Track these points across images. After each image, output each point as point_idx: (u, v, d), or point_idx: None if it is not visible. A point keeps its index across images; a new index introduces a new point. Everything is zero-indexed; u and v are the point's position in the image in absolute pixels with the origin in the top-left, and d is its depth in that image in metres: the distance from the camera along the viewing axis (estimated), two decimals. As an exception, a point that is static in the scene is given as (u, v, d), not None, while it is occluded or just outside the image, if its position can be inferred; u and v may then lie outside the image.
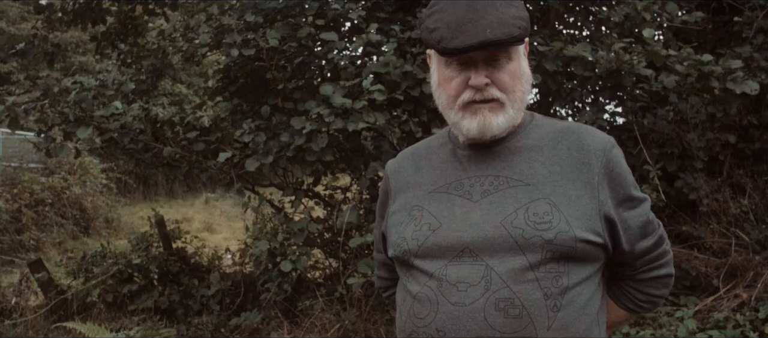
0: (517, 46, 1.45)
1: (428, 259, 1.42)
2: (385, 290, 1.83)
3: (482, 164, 1.48)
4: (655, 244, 1.52)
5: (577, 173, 1.43)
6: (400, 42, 4.40)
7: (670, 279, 1.59)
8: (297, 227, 4.57)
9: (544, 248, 1.34)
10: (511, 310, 1.33)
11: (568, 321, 1.35)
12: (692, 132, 4.92)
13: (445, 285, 1.37)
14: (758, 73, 4.65)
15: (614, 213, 1.43)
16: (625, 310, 1.61)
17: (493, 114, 1.43)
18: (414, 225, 1.47)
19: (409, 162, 1.63)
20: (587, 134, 1.49)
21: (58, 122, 4.42)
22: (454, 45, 1.39)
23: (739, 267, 4.69)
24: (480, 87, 1.41)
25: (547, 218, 1.37)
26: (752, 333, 4.28)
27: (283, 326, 4.97)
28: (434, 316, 1.38)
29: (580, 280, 1.39)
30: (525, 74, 1.48)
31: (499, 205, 1.41)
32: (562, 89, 4.75)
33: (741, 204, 4.95)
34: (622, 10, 4.61)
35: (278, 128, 4.46)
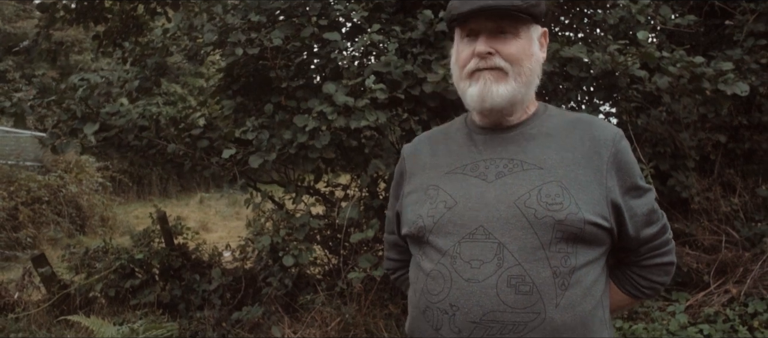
0: (526, 27, 1.54)
1: (442, 236, 1.50)
2: (394, 272, 1.92)
3: (497, 148, 1.57)
4: (658, 232, 1.61)
5: (587, 160, 1.51)
6: (401, 42, 4.48)
7: (671, 266, 1.67)
8: (299, 223, 4.65)
9: (554, 228, 1.42)
10: (521, 286, 1.40)
11: (575, 299, 1.43)
12: (684, 132, 5.00)
13: (459, 262, 1.45)
14: (748, 75, 4.74)
15: (621, 200, 1.52)
16: (628, 295, 1.69)
17: (494, 81, 1.52)
18: (430, 203, 1.55)
19: (425, 145, 1.72)
20: (598, 125, 1.58)
21: (65, 118, 4.48)
22: (460, 10, 1.52)
23: (729, 263, 4.77)
24: (482, 54, 1.51)
25: (559, 199, 1.45)
26: (741, 327, 4.38)
27: (284, 320, 5.04)
28: (448, 292, 1.45)
29: (587, 262, 1.47)
30: (535, 55, 1.56)
31: (512, 186, 1.49)
32: (559, 90, 4.83)
33: (731, 202, 5.03)
34: (616, 13, 4.69)
35: (281, 126, 4.55)
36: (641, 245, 1.60)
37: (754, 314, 4.47)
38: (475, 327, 1.40)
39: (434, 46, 4.59)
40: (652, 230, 1.59)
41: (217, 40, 4.58)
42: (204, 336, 4.98)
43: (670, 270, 1.67)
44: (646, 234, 1.58)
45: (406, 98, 4.41)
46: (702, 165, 5.26)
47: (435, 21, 4.45)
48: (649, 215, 1.58)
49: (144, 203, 18.87)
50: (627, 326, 4.48)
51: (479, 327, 1.40)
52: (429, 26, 4.48)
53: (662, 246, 1.63)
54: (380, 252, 4.94)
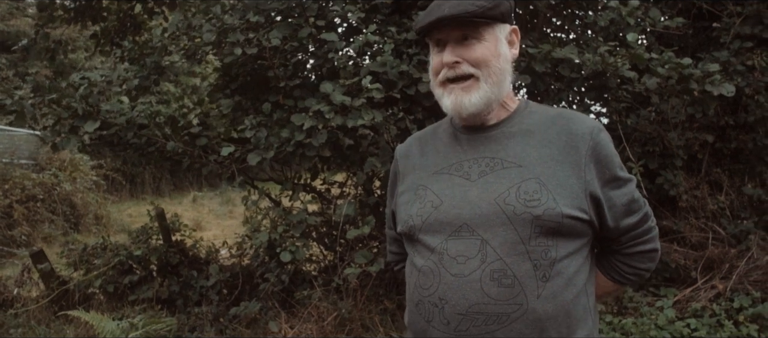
0: (489, 29, 1.61)
1: (430, 234, 1.58)
2: (396, 263, 2.01)
3: (480, 147, 1.64)
4: (640, 221, 1.66)
5: (565, 155, 1.57)
6: (397, 43, 4.58)
7: (655, 253, 1.73)
8: (296, 220, 4.73)
9: (532, 223, 1.50)
10: (504, 280, 1.48)
11: (556, 290, 1.50)
12: (672, 132, 5.10)
13: (446, 259, 1.53)
14: (735, 76, 4.84)
15: (600, 192, 1.57)
16: (613, 282, 1.76)
17: (465, 93, 1.60)
18: (419, 203, 1.63)
19: (416, 147, 1.80)
20: (576, 120, 1.63)
21: (66, 116, 4.55)
22: (422, 23, 1.60)
23: (716, 259, 4.88)
24: (449, 64, 1.59)
25: (536, 196, 1.51)
26: (727, 321, 4.49)
27: (281, 316, 5.12)
28: (437, 286, 1.53)
29: (568, 253, 1.53)
30: (502, 55, 1.62)
31: (493, 184, 1.56)
32: (550, 90, 4.93)
33: (718, 200, 5.14)
34: (607, 15, 4.78)
35: (279, 125, 4.63)
36: (622, 235, 1.66)
37: (740, 309, 4.58)
38: (462, 318, 1.49)
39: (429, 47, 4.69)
40: (632, 219, 1.65)
41: (215, 40, 4.67)
42: (202, 331, 5.06)
43: (653, 256, 1.73)
44: (626, 224, 1.64)
45: (401, 97, 4.50)
46: (690, 164, 5.36)
47: (430, 22, 4.54)
48: (629, 205, 1.63)
49: (137, 201, 18.89)
50: (616, 321, 4.57)
51: (466, 318, 1.48)
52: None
53: (644, 234, 1.69)
54: (375, 249, 5.03)
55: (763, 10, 5.06)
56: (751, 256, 4.79)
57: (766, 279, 4.71)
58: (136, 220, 14.88)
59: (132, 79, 4.93)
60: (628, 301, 4.82)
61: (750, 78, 4.94)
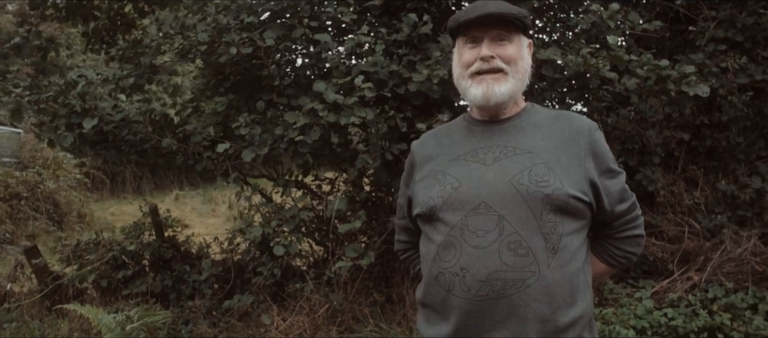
0: (518, 35, 1.85)
1: (450, 212, 1.75)
2: (404, 252, 2.18)
3: (494, 137, 1.85)
4: (629, 208, 1.89)
5: (568, 146, 1.79)
6: (387, 44, 4.73)
7: (641, 239, 1.95)
8: (288, 215, 4.87)
9: (543, 201, 1.70)
10: (519, 250, 1.67)
11: (563, 261, 1.70)
12: (651, 130, 5.27)
13: (467, 233, 1.71)
14: (709, 77, 5.03)
15: (598, 180, 1.79)
16: (606, 264, 1.97)
17: (496, 83, 1.81)
18: (439, 186, 1.81)
19: (431, 139, 1.99)
20: (576, 118, 1.87)
21: (63, 113, 4.65)
22: (467, 18, 1.81)
23: (692, 252, 5.05)
24: (486, 58, 1.80)
25: (546, 178, 1.72)
26: (702, 311, 4.69)
27: (273, 308, 5.25)
28: (459, 258, 1.71)
29: (572, 231, 1.74)
30: (525, 59, 1.86)
31: (507, 167, 1.76)
32: (534, 89, 5.11)
33: (694, 196, 5.32)
34: (589, 19, 4.96)
35: (272, 123, 4.77)
36: (615, 219, 1.88)
37: (714, 299, 4.77)
38: (482, 285, 1.66)
39: (418, 48, 4.85)
40: (624, 206, 1.87)
41: (209, 40, 4.78)
42: (195, 324, 5.18)
43: (640, 241, 1.95)
44: (619, 210, 1.86)
45: (392, 96, 4.66)
46: (667, 161, 5.52)
47: (419, 24, 4.70)
48: (622, 194, 1.86)
49: (118, 200, 18.85)
50: (598, 311, 4.75)
51: (485, 284, 1.66)
52: (413, 29, 4.73)
53: (633, 221, 1.92)
54: (365, 243, 5.18)
55: (736, 15, 5.26)
56: (725, 249, 4.99)
57: (738, 271, 4.91)
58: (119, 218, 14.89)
59: (127, 78, 5.03)
60: (609, 293, 5.01)
61: (724, 79, 5.13)
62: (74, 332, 5.38)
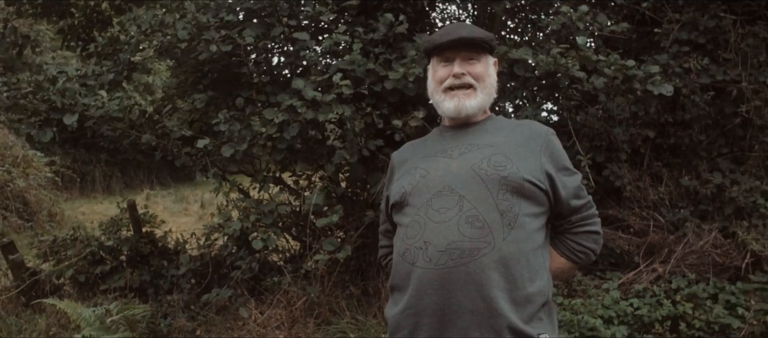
0: (486, 56, 2.12)
1: (418, 196, 1.97)
2: (386, 257, 2.37)
3: (461, 138, 2.10)
4: (586, 205, 2.09)
5: (526, 144, 2.03)
6: (364, 43, 4.85)
7: (598, 236, 2.13)
8: (267, 209, 4.96)
9: (500, 182, 1.91)
10: (476, 223, 1.86)
11: (519, 238, 1.88)
12: (618, 128, 5.43)
13: (431, 211, 1.91)
14: (673, 77, 5.22)
15: (554, 173, 2.00)
16: (566, 259, 2.12)
17: (466, 98, 2.07)
18: (410, 177, 2.05)
19: (409, 147, 2.27)
20: (535, 125, 2.13)
21: (43, 108, 4.68)
22: (441, 41, 2.07)
23: (656, 245, 5.24)
24: (458, 75, 2.06)
25: (503, 163, 1.95)
26: (666, 300, 4.87)
27: (250, 302, 5.34)
28: (423, 233, 1.90)
29: (529, 214, 1.92)
30: (492, 76, 2.13)
31: (470, 158, 1.99)
32: (506, 88, 5.27)
33: (658, 191, 5.50)
34: (559, 20, 5.11)
35: (251, 119, 4.86)
36: (572, 214, 2.07)
37: (677, 289, 4.97)
38: (442, 254, 1.83)
39: (394, 47, 4.98)
40: (580, 201, 2.07)
41: (189, 37, 4.85)
42: (174, 317, 5.24)
43: (597, 239, 2.13)
44: (576, 204, 2.06)
45: (369, 93, 4.78)
46: (633, 158, 5.70)
47: (395, 24, 4.83)
48: (577, 191, 2.07)
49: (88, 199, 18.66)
50: (567, 302, 4.91)
51: (444, 254, 1.83)
52: (389, 28, 4.85)
53: (589, 218, 2.11)
54: (341, 238, 5.29)
55: (698, 18, 5.48)
56: (687, 241, 5.19)
57: (700, 263, 5.12)
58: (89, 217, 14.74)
59: (106, 74, 5.07)
60: (578, 285, 5.19)
61: (687, 79, 5.33)
62: (52, 327, 5.40)
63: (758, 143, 5.55)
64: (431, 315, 1.83)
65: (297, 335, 5.07)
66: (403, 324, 1.90)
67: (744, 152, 5.63)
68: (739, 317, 4.79)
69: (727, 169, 5.55)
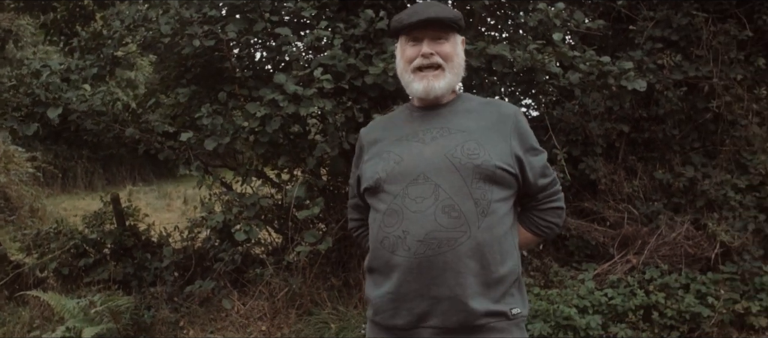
0: (454, 34, 2.12)
1: (393, 183, 2.02)
2: (356, 229, 2.42)
3: (432, 120, 2.12)
4: (551, 183, 2.18)
5: (496, 127, 2.08)
6: (345, 38, 4.94)
7: (562, 211, 2.24)
8: (249, 202, 5.03)
9: (473, 171, 1.97)
10: (452, 213, 1.93)
11: (492, 223, 1.97)
12: (593, 122, 5.55)
13: (407, 200, 1.97)
14: (647, 73, 5.36)
15: (522, 155, 2.07)
16: (532, 233, 2.23)
17: (435, 79, 2.08)
18: (383, 162, 2.08)
19: (378, 125, 2.27)
20: (503, 105, 2.18)
21: (27, 102, 4.73)
22: (410, 21, 2.08)
23: (630, 237, 5.36)
24: (427, 55, 2.07)
25: (476, 151, 2.00)
26: (639, 290, 5.01)
27: (233, 294, 5.41)
28: (401, 222, 1.97)
29: (500, 198, 2.01)
30: (460, 55, 2.15)
31: (443, 144, 2.03)
32: (485, 83, 5.37)
33: (633, 184, 5.62)
34: (536, 16, 5.23)
35: (234, 113, 4.94)
36: (539, 192, 2.16)
37: (650, 279, 5.11)
38: (420, 244, 1.92)
39: (374, 43, 5.07)
40: (546, 180, 2.16)
41: (172, 32, 4.91)
42: (158, 309, 5.30)
43: (561, 213, 2.24)
44: (542, 183, 2.14)
45: (349, 88, 4.86)
46: (608, 152, 5.82)
47: (375, 19, 4.92)
48: (544, 169, 2.15)
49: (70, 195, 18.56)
50: (543, 292, 5.03)
51: (423, 244, 1.92)
52: (370, 24, 4.94)
53: (554, 194, 2.20)
54: (323, 229, 5.37)
55: (672, 15, 5.61)
56: (660, 233, 5.33)
57: (672, 254, 5.26)
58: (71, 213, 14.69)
59: (89, 68, 5.12)
60: (554, 275, 5.31)
61: (660, 75, 5.47)
62: (35, 319, 5.45)
63: (729, 138, 5.70)
64: (411, 300, 1.95)
65: (279, 326, 5.16)
66: (384, 308, 2.02)
67: (715, 146, 5.78)
68: (709, 306, 4.94)
69: (699, 163, 5.70)
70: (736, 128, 5.71)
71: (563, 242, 5.65)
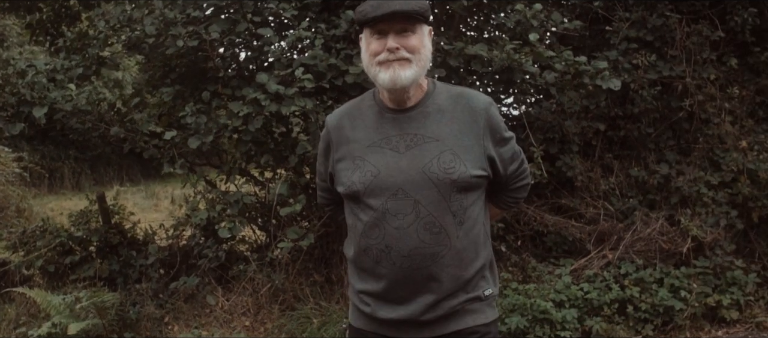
0: (420, 26, 2.09)
1: (373, 197, 2.06)
2: (327, 206, 2.49)
3: (404, 125, 2.12)
4: (519, 165, 2.27)
5: (469, 128, 2.11)
6: (326, 38, 5.03)
7: (528, 186, 2.37)
8: (232, 199, 5.13)
9: (451, 185, 2.04)
10: (433, 229, 2.03)
11: (468, 228, 2.08)
12: (569, 120, 5.70)
13: (388, 216, 2.04)
14: (623, 73, 5.50)
15: (494, 152, 2.13)
16: (499, 208, 2.39)
17: (401, 68, 2.04)
18: (359, 172, 2.09)
19: (346, 120, 2.22)
20: (474, 98, 2.17)
21: (13, 101, 4.80)
22: (374, 15, 2.04)
23: (606, 232, 5.49)
24: (392, 49, 2.04)
25: (452, 164, 2.05)
26: (615, 285, 5.14)
27: (217, 290, 5.50)
28: (383, 237, 2.05)
29: (473, 201, 2.11)
30: (426, 47, 2.12)
31: (418, 156, 2.06)
32: (464, 83, 5.48)
33: (609, 181, 5.74)
34: (514, 17, 5.34)
35: (217, 112, 5.03)
36: (509, 178, 2.25)
37: (625, 274, 5.23)
38: (405, 259, 2.03)
39: (355, 43, 5.16)
40: (515, 165, 2.25)
41: (156, 33, 5.00)
42: (143, 305, 5.38)
43: (527, 188, 2.36)
44: (511, 169, 2.23)
45: (330, 87, 4.96)
46: (585, 149, 5.96)
47: (356, 20, 5.01)
48: (513, 156, 2.23)
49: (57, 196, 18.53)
50: (521, 286, 5.15)
51: (408, 259, 2.03)
52: (351, 25, 5.03)
53: (522, 174, 2.30)
54: (306, 226, 5.46)
55: (647, 16, 5.75)
56: (636, 229, 5.46)
57: (647, 249, 5.39)
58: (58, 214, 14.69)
59: (75, 68, 5.20)
60: (532, 270, 5.43)
61: (635, 75, 5.62)
62: (21, 316, 5.51)
63: (702, 136, 5.85)
64: (396, 301, 2.09)
65: (262, 321, 5.26)
66: (368, 301, 2.16)
67: (689, 144, 5.93)
68: (682, 299, 5.08)
69: (674, 160, 5.84)
70: (709, 127, 5.86)
71: (541, 239, 5.78)
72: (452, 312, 2.09)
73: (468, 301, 2.11)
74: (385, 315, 2.11)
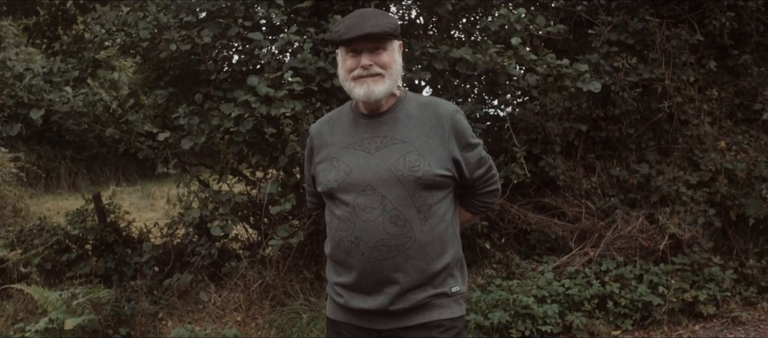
0: (391, 43, 2.29)
1: (345, 193, 2.26)
2: (315, 209, 2.69)
3: (376, 128, 2.32)
4: (486, 171, 2.43)
5: (434, 132, 2.30)
6: (315, 42, 5.19)
7: (498, 191, 2.53)
8: (224, 198, 5.28)
9: (415, 182, 2.22)
10: (398, 222, 2.21)
11: (433, 224, 2.26)
12: (552, 122, 5.85)
13: (358, 210, 2.23)
14: (604, 75, 5.67)
15: (459, 155, 2.31)
16: (470, 213, 2.54)
17: (375, 84, 2.25)
18: (334, 172, 2.31)
19: (326, 127, 2.45)
20: (441, 106, 2.37)
21: (10, 103, 4.95)
22: (348, 36, 2.24)
23: (588, 230, 5.65)
24: (366, 66, 2.24)
25: (417, 163, 2.24)
26: (595, 281, 5.30)
27: (210, 287, 5.65)
28: (353, 229, 2.24)
29: (440, 199, 2.28)
30: (397, 62, 2.31)
31: (387, 156, 2.26)
32: (449, 85, 5.63)
33: (590, 181, 5.89)
34: (498, 21, 5.49)
35: (209, 113, 5.18)
36: (475, 182, 2.41)
37: (606, 271, 5.40)
38: (372, 250, 2.20)
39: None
40: (481, 171, 2.41)
41: (150, 37, 5.15)
42: (138, 301, 5.52)
43: (496, 194, 2.53)
44: (477, 174, 2.39)
45: (318, 90, 5.12)
46: (567, 150, 6.11)
47: (344, 24, 5.16)
48: (479, 162, 2.39)
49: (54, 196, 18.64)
50: (505, 283, 5.31)
51: (375, 249, 2.20)
52: (339, 29, 5.19)
53: (489, 180, 2.46)
54: (296, 224, 5.62)
55: (628, 20, 5.92)
56: (616, 227, 5.62)
57: (628, 246, 5.56)
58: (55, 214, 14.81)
59: (71, 71, 5.34)
60: (516, 267, 5.58)
61: (616, 77, 5.78)
62: (19, 312, 5.65)
63: (681, 137, 6.01)
64: (366, 291, 2.27)
65: (253, 316, 5.41)
66: (342, 293, 2.34)
67: (669, 144, 6.10)
68: (660, 295, 5.24)
69: (654, 160, 6.01)
70: (688, 127, 6.02)
71: (525, 237, 5.94)
72: (419, 305, 2.26)
73: (435, 296, 2.28)
74: (357, 305, 2.29)
